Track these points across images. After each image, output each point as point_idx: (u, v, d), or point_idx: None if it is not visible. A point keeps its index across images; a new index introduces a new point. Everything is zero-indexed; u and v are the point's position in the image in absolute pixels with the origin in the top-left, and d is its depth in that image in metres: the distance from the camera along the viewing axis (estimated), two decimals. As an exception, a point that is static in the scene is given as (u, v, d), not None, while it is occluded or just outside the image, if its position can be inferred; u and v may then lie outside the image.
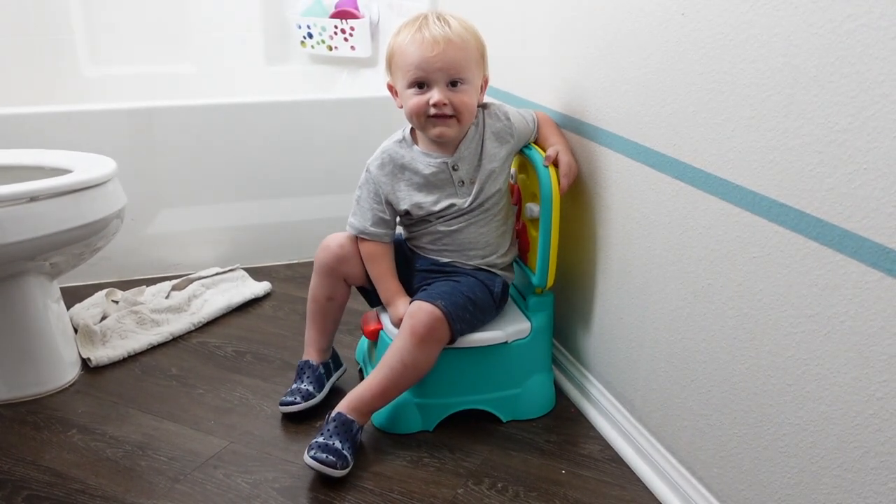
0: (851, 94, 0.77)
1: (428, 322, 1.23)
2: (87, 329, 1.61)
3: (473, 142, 1.31)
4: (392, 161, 1.32)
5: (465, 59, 1.23)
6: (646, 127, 1.13)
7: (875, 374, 0.78)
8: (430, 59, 1.21)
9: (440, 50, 1.21)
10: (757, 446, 0.97)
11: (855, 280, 0.79)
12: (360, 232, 1.34)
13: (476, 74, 1.27)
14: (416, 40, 1.22)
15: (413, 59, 1.22)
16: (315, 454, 1.19)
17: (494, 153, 1.31)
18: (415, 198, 1.31)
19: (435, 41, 1.21)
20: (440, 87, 1.23)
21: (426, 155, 1.31)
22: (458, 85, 1.24)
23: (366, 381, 1.27)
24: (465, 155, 1.30)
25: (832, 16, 0.78)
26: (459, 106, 1.24)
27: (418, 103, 1.24)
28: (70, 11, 2.38)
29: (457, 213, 1.31)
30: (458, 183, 1.31)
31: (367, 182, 1.34)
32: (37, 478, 1.21)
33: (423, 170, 1.30)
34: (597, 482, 1.23)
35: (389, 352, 1.25)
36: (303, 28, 2.52)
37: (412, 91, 1.25)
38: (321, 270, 1.40)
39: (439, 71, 1.22)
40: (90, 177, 1.36)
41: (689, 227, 1.06)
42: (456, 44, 1.22)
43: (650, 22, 1.09)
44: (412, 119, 1.28)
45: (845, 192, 0.79)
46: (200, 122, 1.91)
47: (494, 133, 1.32)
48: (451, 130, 1.26)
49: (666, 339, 1.15)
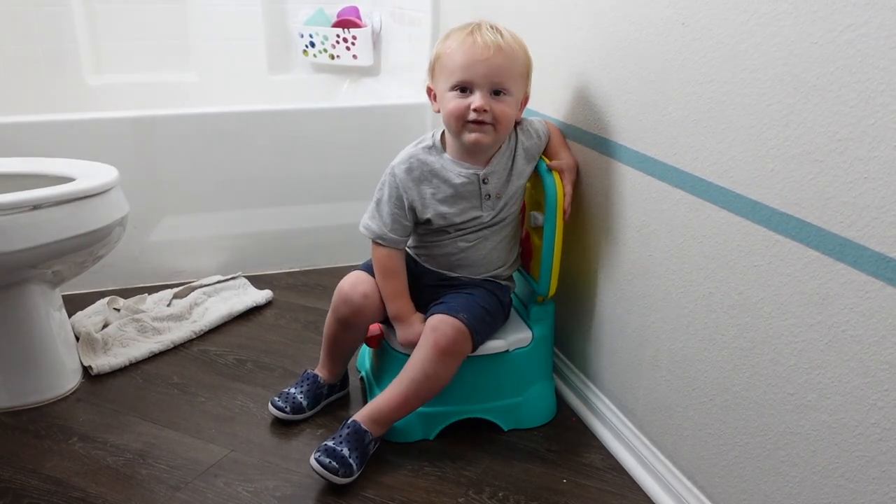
0: (851, 103, 0.77)
1: (452, 336, 1.23)
2: (88, 337, 1.61)
3: (505, 156, 1.29)
4: (420, 167, 1.29)
5: (511, 69, 1.21)
6: (647, 136, 1.14)
7: (876, 383, 0.78)
8: (477, 63, 1.19)
9: (489, 55, 1.19)
10: (758, 455, 0.97)
11: (856, 289, 0.79)
12: (379, 237, 1.31)
13: (519, 88, 1.25)
14: (467, 43, 1.21)
15: (460, 61, 1.20)
16: (320, 457, 1.20)
17: (522, 170, 1.31)
18: (440, 207, 1.28)
19: (486, 45, 1.19)
20: (483, 92, 1.21)
21: (457, 164, 1.28)
22: (500, 94, 1.22)
23: (386, 393, 1.26)
24: (497, 169, 1.29)
25: (832, 25, 0.78)
26: (499, 115, 1.21)
27: (458, 106, 1.22)
28: (74, 20, 2.40)
29: (477, 226, 1.30)
30: (485, 196, 1.29)
31: (391, 185, 1.29)
32: (38, 486, 1.21)
33: (453, 179, 1.28)
34: (598, 491, 1.22)
35: (411, 364, 1.25)
36: (305, 37, 2.53)
37: (454, 94, 1.22)
38: (342, 321, 1.35)
39: (484, 76, 1.20)
40: (93, 185, 1.36)
41: (689, 235, 1.06)
42: (505, 52, 1.21)
43: (651, 31, 1.10)
44: (449, 122, 1.25)
45: (846, 201, 0.79)
46: (203, 131, 1.92)
47: (525, 150, 1.31)
48: (487, 138, 1.23)
49: (667, 348, 1.15)
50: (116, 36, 2.47)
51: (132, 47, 2.50)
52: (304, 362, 1.58)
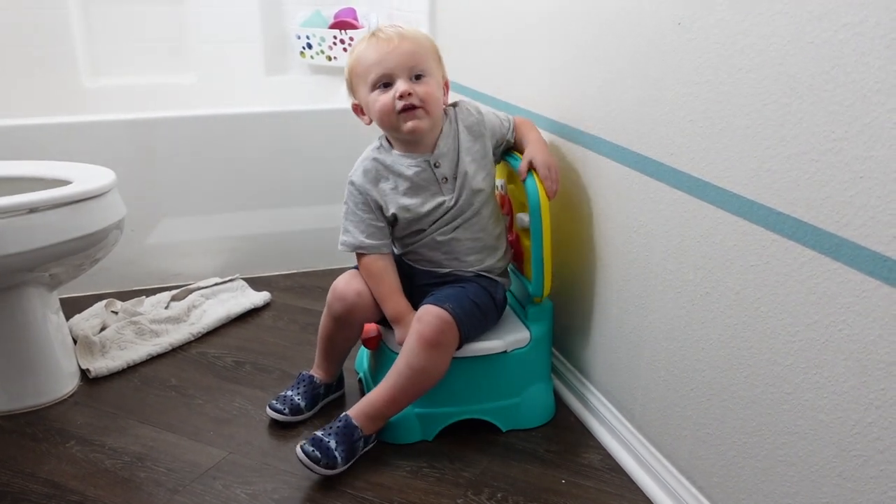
0: (847, 102, 0.77)
1: (437, 325, 1.22)
2: (86, 340, 1.61)
3: (450, 137, 1.31)
4: (375, 166, 1.31)
5: (421, 52, 1.26)
6: (643, 136, 1.14)
7: (873, 382, 0.78)
8: (388, 55, 1.24)
9: (395, 44, 1.24)
10: (756, 455, 0.97)
11: (852, 288, 0.79)
12: (357, 248, 1.32)
13: (436, 69, 1.29)
14: (372, 43, 1.26)
15: (372, 59, 1.25)
16: (304, 446, 1.20)
17: (469, 147, 1.32)
18: (401, 200, 1.30)
19: (389, 38, 1.25)
20: (403, 78, 1.24)
21: (406, 157, 1.30)
22: (421, 77, 1.25)
23: (376, 389, 1.26)
24: (445, 151, 1.30)
25: (828, 25, 0.78)
26: (425, 96, 1.24)
27: (385, 102, 1.25)
28: (70, 22, 2.39)
29: (445, 213, 1.31)
30: (442, 180, 1.30)
31: (353, 195, 1.32)
32: (35, 490, 1.21)
33: (405, 171, 1.29)
34: (597, 492, 1.22)
35: (398, 358, 1.25)
36: (302, 39, 2.53)
37: (377, 93, 1.26)
38: (337, 319, 1.36)
39: (399, 64, 1.24)
40: (90, 188, 1.36)
41: (686, 235, 1.06)
42: (410, 39, 1.26)
43: (647, 31, 1.09)
44: (383, 122, 1.27)
45: (842, 200, 0.79)
46: (200, 133, 1.92)
47: (468, 127, 1.33)
48: (422, 123, 1.25)
49: (665, 348, 1.15)
50: (113, 38, 2.47)
51: (129, 49, 2.49)
52: (302, 364, 1.57)
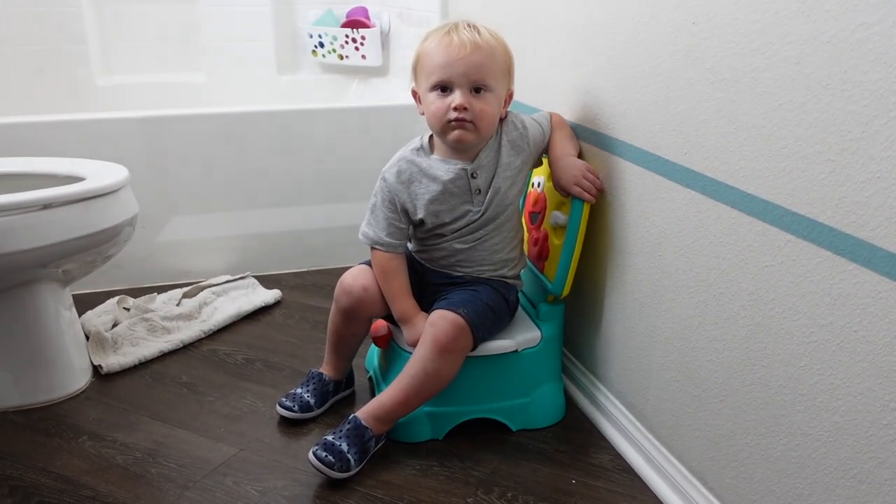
0: (864, 102, 0.76)
1: (452, 331, 1.22)
2: (98, 336, 1.62)
3: (492, 150, 1.29)
4: (409, 168, 1.29)
5: (490, 65, 1.21)
6: (657, 136, 1.13)
7: (889, 383, 0.77)
8: (454, 62, 1.20)
9: (466, 53, 1.19)
10: (769, 456, 0.96)
11: (868, 289, 0.79)
12: (375, 242, 1.31)
13: (501, 84, 1.25)
14: (444, 43, 1.21)
15: (438, 61, 1.21)
16: (317, 451, 1.20)
17: (509, 162, 1.30)
18: (431, 206, 1.29)
19: (462, 44, 1.20)
20: (462, 90, 1.21)
21: (445, 162, 1.28)
22: (481, 92, 1.22)
23: (387, 390, 1.26)
24: (485, 163, 1.29)
25: (844, 24, 0.78)
26: (479, 113, 1.21)
27: (439, 107, 1.22)
28: (84, 22, 2.41)
29: (469, 224, 1.30)
30: (475, 191, 1.29)
31: (383, 190, 1.31)
32: (47, 484, 1.22)
33: (441, 175, 1.27)
34: (607, 492, 1.22)
35: (411, 361, 1.25)
36: (314, 37, 2.54)
37: (434, 94, 1.23)
38: (344, 313, 1.37)
39: (463, 75, 1.20)
40: (103, 184, 1.37)
41: (700, 235, 1.06)
42: (483, 49, 1.21)
43: (662, 31, 1.09)
44: (432, 123, 1.25)
45: (858, 200, 0.78)
46: (212, 131, 1.92)
47: (511, 142, 1.30)
48: (469, 136, 1.23)
49: (677, 349, 1.14)
50: (126, 37, 2.49)
51: (142, 48, 2.51)
52: (312, 362, 1.58)
